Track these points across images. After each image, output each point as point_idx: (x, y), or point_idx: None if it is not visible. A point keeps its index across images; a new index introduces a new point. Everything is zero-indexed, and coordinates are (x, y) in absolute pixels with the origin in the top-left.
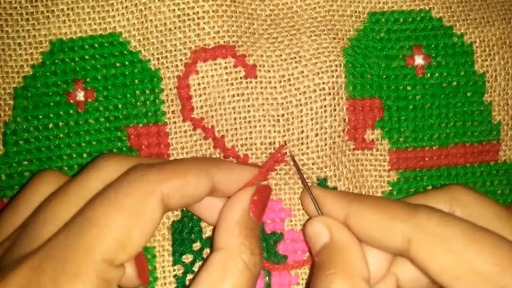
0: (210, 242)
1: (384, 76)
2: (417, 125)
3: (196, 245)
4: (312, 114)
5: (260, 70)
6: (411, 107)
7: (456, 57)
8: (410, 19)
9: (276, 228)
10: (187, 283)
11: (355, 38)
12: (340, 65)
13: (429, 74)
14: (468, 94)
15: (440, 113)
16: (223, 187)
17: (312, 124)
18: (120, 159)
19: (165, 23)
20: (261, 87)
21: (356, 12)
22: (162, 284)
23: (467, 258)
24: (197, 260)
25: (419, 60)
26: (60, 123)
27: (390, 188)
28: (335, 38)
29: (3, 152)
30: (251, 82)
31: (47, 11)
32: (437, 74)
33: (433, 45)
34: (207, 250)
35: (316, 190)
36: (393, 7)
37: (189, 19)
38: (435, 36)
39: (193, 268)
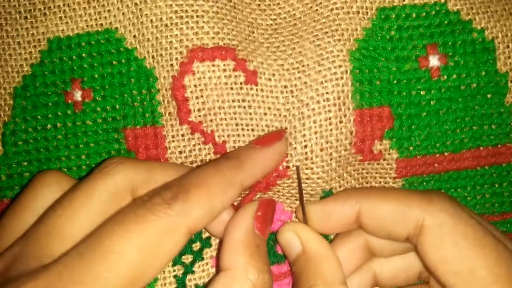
0: (209, 243)
1: (394, 81)
2: (430, 132)
3: (196, 245)
4: (316, 127)
5: (260, 78)
6: (424, 114)
7: (476, 55)
8: (424, 14)
9: (276, 228)
10: (187, 283)
11: (363, 38)
12: (346, 72)
13: (445, 76)
14: (489, 95)
15: (456, 118)
16: (253, 182)
17: (316, 138)
18: (128, 166)
19: (161, 18)
20: (263, 95)
21: (363, 8)
22: (162, 285)
23: (470, 258)
24: (197, 260)
25: (434, 61)
26: (58, 124)
27: None
28: (340, 40)
29: (2, 153)
30: (251, 88)
31: (44, 8)
32: (454, 76)
33: (450, 43)
34: (206, 250)
35: (321, 203)
36: (404, 1)
37: (187, 16)
38: (452, 33)
39: (193, 268)
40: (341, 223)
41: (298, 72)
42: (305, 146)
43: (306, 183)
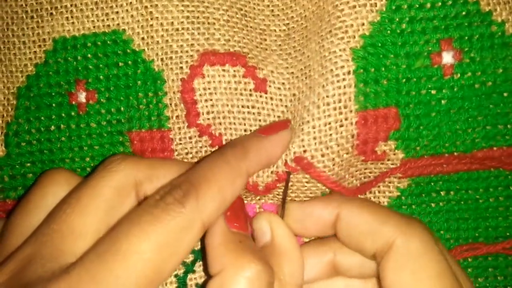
0: None
1: (403, 80)
2: (439, 132)
3: (197, 245)
4: (315, 133)
5: (270, 86)
6: (434, 114)
7: (494, 51)
8: (440, 4)
9: None
10: (188, 282)
11: (369, 34)
12: (349, 73)
13: (459, 74)
14: (505, 94)
15: (468, 117)
16: (259, 169)
17: (315, 144)
18: (131, 163)
19: (172, 23)
20: (272, 104)
21: (371, 0)
22: (163, 284)
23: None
24: (198, 260)
25: (447, 58)
26: (62, 126)
27: (399, 193)
28: (343, 38)
29: (5, 154)
30: (261, 96)
31: (51, 8)
32: (469, 74)
33: (466, 37)
34: None
35: (304, 203)
36: None
37: (198, 22)
38: (470, 25)
39: (194, 268)
40: (318, 226)
41: (306, 77)
42: (304, 151)
43: (306, 186)
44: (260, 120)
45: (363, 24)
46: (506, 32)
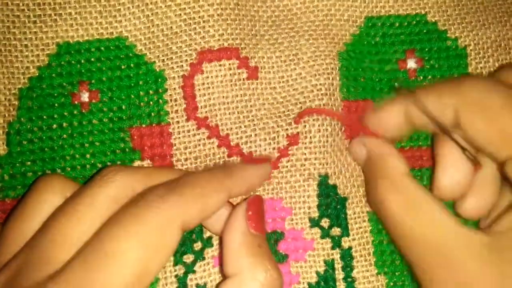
0: (211, 242)
1: (377, 80)
2: None
3: (197, 245)
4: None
5: (261, 72)
6: None
7: (450, 60)
8: (406, 23)
9: (276, 227)
10: (188, 283)
11: (351, 43)
12: (336, 68)
13: (421, 77)
14: None
15: None
16: (239, 193)
17: (312, 120)
18: (127, 173)
19: (171, 27)
20: (261, 88)
21: (353, 17)
22: (164, 285)
23: (499, 121)
24: (198, 260)
25: (411, 64)
26: (64, 124)
27: None
28: (331, 43)
29: (6, 152)
30: (252, 83)
31: (55, 14)
32: (429, 77)
33: (426, 49)
34: (208, 250)
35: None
36: (390, 11)
37: (194, 23)
38: (429, 40)
39: (194, 268)
40: (393, 122)
41: (294, 64)
42: (304, 126)
43: (304, 165)
44: (250, 106)
45: (346, 35)
46: (459, 46)
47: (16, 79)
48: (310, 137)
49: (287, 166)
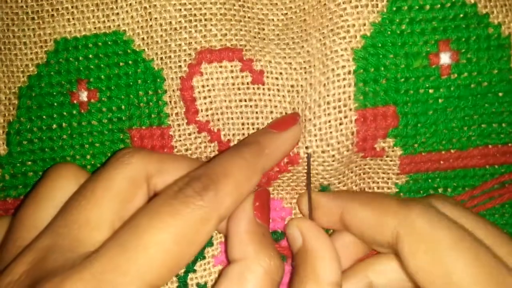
0: (211, 242)
1: (402, 80)
2: (436, 130)
3: None
4: (315, 130)
5: (267, 77)
6: (431, 112)
7: (490, 52)
8: (439, 6)
9: (276, 227)
10: (188, 282)
11: (370, 35)
12: (349, 72)
13: (456, 74)
14: (500, 94)
15: (464, 116)
16: (272, 167)
17: (316, 141)
18: (143, 155)
19: (170, 22)
20: (269, 94)
21: (372, 1)
22: (164, 284)
23: (445, 262)
24: (199, 259)
25: (445, 59)
26: (64, 124)
27: (397, 190)
28: (345, 38)
29: (6, 152)
30: (258, 88)
31: (52, 10)
32: (465, 74)
33: (463, 39)
34: (208, 249)
35: (312, 194)
36: None
37: (195, 20)
38: (467, 27)
39: (195, 267)
40: (327, 217)
41: (305, 72)
42: (306, 148)
43: (305, 176)
44: (257, 112)
45: (364, 25)
46: (502, 34)
47: (15, 78)
48: (315, 158)
49: (287, 176)
